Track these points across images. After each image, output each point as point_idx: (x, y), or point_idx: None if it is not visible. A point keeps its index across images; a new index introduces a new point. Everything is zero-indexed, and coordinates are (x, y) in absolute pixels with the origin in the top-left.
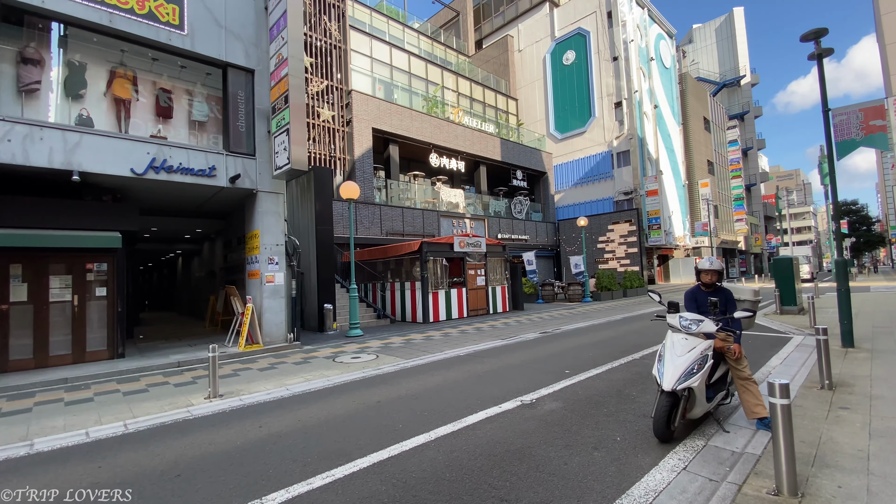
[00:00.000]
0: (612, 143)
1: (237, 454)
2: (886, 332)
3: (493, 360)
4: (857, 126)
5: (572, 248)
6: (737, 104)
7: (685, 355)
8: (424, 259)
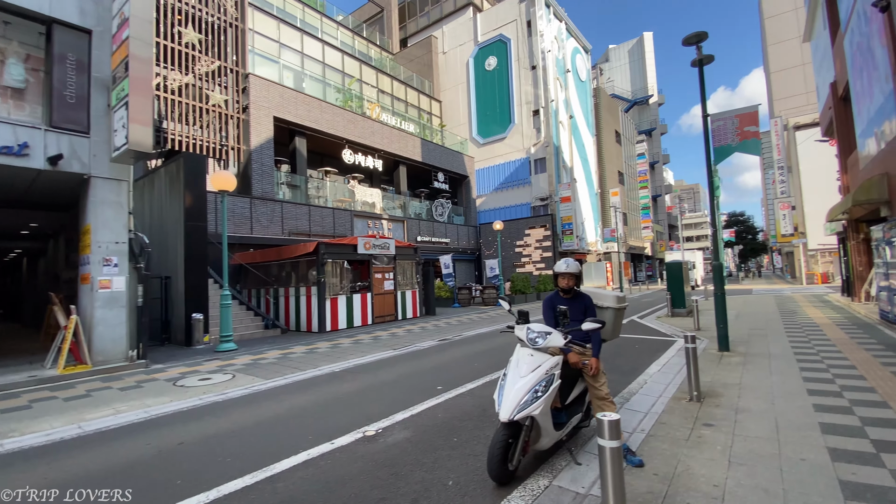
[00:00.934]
0: (530, 150)
1: None
2: (761, 334)
3: (366, 377)
4: (733, 132)
5: (491, 252)
6: (646, 121)
7: (528, 375)
8: (322, 262)
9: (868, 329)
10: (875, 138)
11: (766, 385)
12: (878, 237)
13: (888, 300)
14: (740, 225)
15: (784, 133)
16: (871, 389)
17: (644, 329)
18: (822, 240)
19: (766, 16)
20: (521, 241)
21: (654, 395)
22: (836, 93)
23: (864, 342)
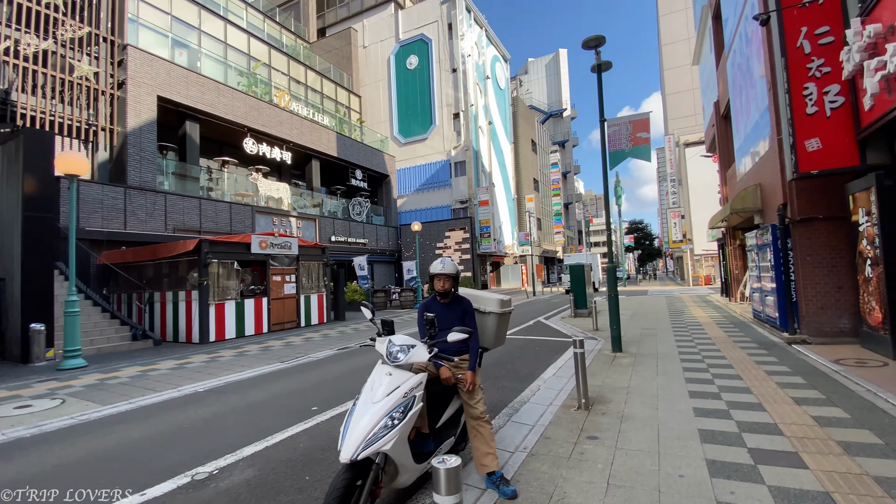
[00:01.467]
0: (450, 153)
1: None
2: (652, 334)
3: (232, 399)
4: (627, 137)
5: (410, 254)
6: (560, 133)
7: (383, 400)
8: (204, 262)
9: (743, 327)
10: (750, 154)
11: (651, 387)
12: (752, 243)
13: (760, 301)
14: (639, 232)
15: (676, 149)
16: (746, 390)
17: (548, 330)
18: (705, 246)
19: (664, 43)
20: (441, 243)
21: (544, 404)
22: (718, 111)
23: (739, 340)
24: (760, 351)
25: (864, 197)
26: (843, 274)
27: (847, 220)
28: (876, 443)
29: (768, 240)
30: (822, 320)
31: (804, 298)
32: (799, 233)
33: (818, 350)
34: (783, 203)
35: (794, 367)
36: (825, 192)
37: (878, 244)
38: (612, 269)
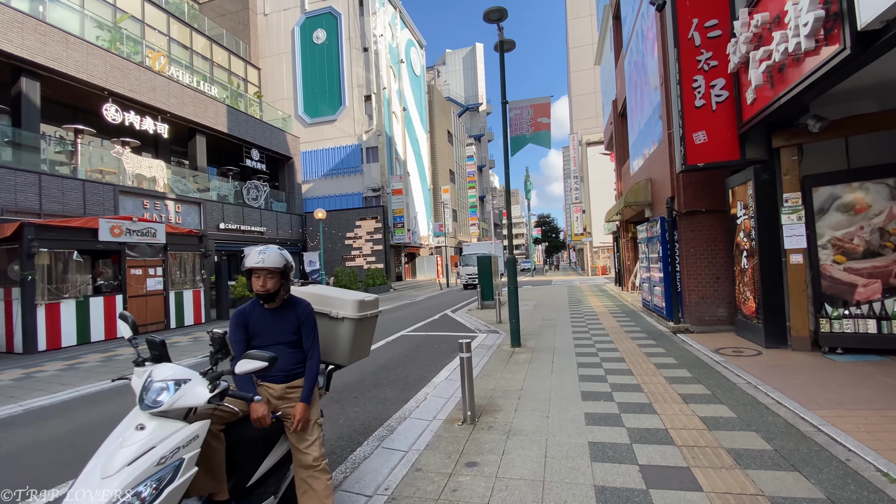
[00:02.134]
0: (361, 137)
1: None
2: (551, 325)
3: None
4: (528, 122)
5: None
6: (476, 127)
7: (118, 475)
8: (30, 251)
9: (633, 316)
10: (643, 150)
11: (545, 388)
12: (643, 236)
13: (648, 291)
14: (546, 225)
15: (580, 147)
16: (637, 388)
17: (452, 324)
18: (602, 238)
19: (571, 46)
20: (351, 234)
21: (427, 418)
22: (616, 110)
23: (630, 330)
24: (649, 341)
25: (742, 190)
26: (721, 265)
27: (726, 214)
28: (765, 449)
29: (657, 232)
30: (702, 310)
31: (687, 289)
32: (684, 225)
33: (700, 339)
34: (671, 196)
35: (679, 359)
36: (708, 186)
37: (754, 236)
38: (512, 260)
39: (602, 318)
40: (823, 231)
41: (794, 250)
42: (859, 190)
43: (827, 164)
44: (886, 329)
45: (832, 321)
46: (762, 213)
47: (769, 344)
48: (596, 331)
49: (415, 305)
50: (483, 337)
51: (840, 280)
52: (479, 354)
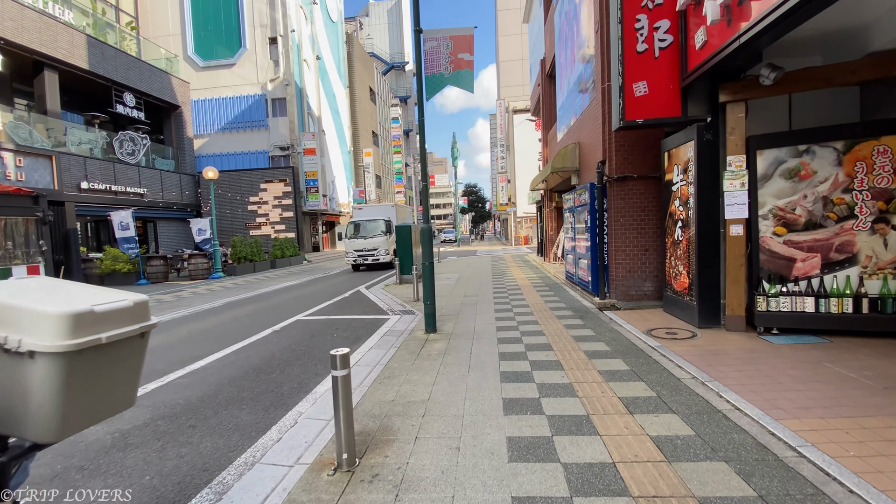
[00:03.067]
0: (266, 86)
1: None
2: (473, 302)
3: None
4: (447, 58)
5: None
6: (402, 88)
7: None
8: None
9: (557, 290)
10: (572, 110)
11: (458, 399)
12: (570, 204)
13: (573, 263)
14: (473, 195)
15: (506, 115)
16: (570, 389)
17: (362, 304)
18: (526, 209)
19: (500, 9)
20: (255, 198)
21: (287, 461)
22: (544, 70)
23: (555, 307)
24: (576, 321)
25: (680, 153)
26: (650, 236)
27: (659, 181)
28: (748, 496)
29: (586, 200)
30: (628, 283)
31: (615, 261)
32: (615, 192)
33: (628, 317)
34: (602, 160)
35: (612, 344)
36: (641, 150)
37: (692, 204)
38: (428, 230)
39: (526, 293)
40: (766, 199)
41: (734, 220)
42: (805, 154)
43: (767, 127)
44: (824, 307)
45: (769, 299)
46: (703, 179)
47: (702, 323)
48: (519, 308)
49: (326, 280)
50: (395, 320)
51: (779, 254)
52: (385, 345)
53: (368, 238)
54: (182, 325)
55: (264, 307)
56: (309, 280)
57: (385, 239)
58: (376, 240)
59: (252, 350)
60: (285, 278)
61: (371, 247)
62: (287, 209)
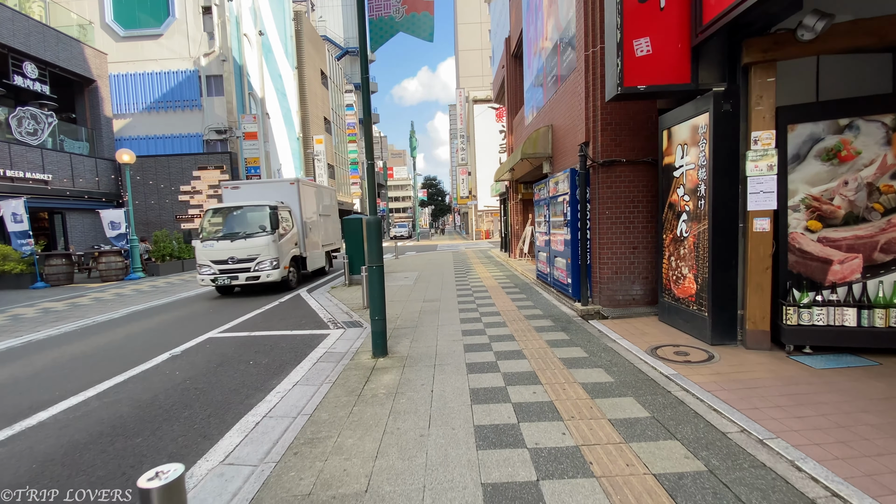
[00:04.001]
0: (199, 61)
1: None
2: (434, 309)
3: None
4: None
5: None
6: (357, 74)
7: None
8: None
9: (530, 293)
10: (543, 89)
11: (416, 481)
12: (543, 195)
13: (547, 262)
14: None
15: (466, 105)
16: (579, 460)
17: (297, 314)
18: (487, 202)
19: None
20: (187, 186)
21: None
22: (508, 49)
23: (531, 315)
24: (559, 335)
25: (684, 131)
26: (640, 231)
27: (651, 166)
28: None
29: (565, 189)
30: (615, 287)
31: (599, 261)
32: (600, 180)
33: (620, 329)
34: (585, 141)
35: (614, 372)
36: (631, 129)
37: (703, 192)
38: (375, 223)
39: (494, 296)
40: (797, 187)
41: (759, 213)
42: (848, 130)
43: (789, 100)
44: (867, 320)
45: (800, 310)
46: (719, 161)
47: (716, 339)
48: (490, 317)
49: None
50: (336, 337)
51: (812, 254)
52: (316, 378)
53: (241, 240)
54: (51, 349)
55: (175, 319)
56: None
57: (270, 241)
58: (255, 242)
59: (129, 390)
60: None
61: (245, 255)
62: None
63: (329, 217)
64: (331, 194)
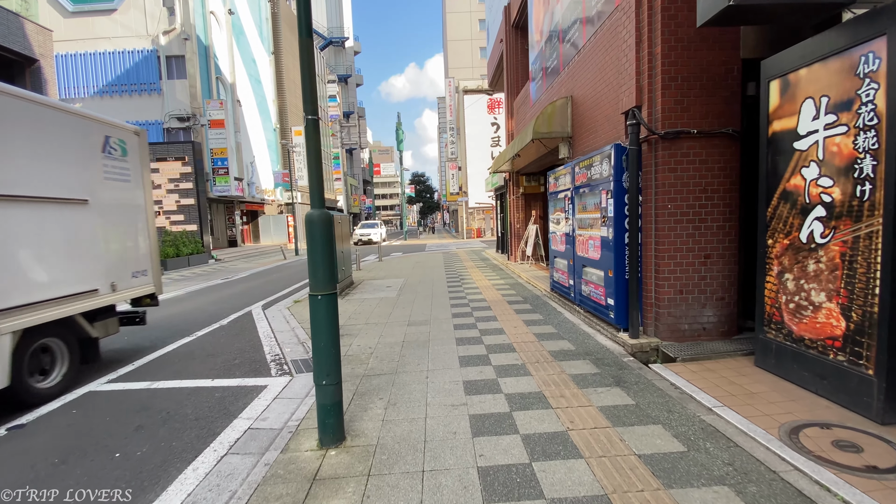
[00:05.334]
0: (159, 40)
1: None
2: (421, 339)
3: None
4: None
5: None
6: (341, 66)
7: None
8: None
9: (544, 310)
10: (560, 55)
11: None
12: (564, 184)
13: (568, 271)
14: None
15: (456, 95)
16: None
17: (235, 346)
18: (478, 199)
19: None
20: None
21: None
22: (508, 19)
23: (558, 351)
24: (616, 395)
25: (824, 74)
26: (714, 233)
27: (731, 141)
28: None
29: (602, 174)
30: (679, 312)
31: (656, 275)
32: (661, 159)
33: (704, 381)
34: (636, 105)
35: (751, 495)
36: (703, 88)
37: (872, 172)
38: (321, 220)
39: (501, 316)
40: None
41: None
42: None
43: None
44: None
45: None
46: None
47: (889, 417)
48: (501, 355)
49: (219, 291)
50: (274, 392)
51: None
52: (218, 497)
53: None
54: None
55: None
56: (195, 291)
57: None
58: None
59: None
60: (170, 286)
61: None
62: (186, 195)
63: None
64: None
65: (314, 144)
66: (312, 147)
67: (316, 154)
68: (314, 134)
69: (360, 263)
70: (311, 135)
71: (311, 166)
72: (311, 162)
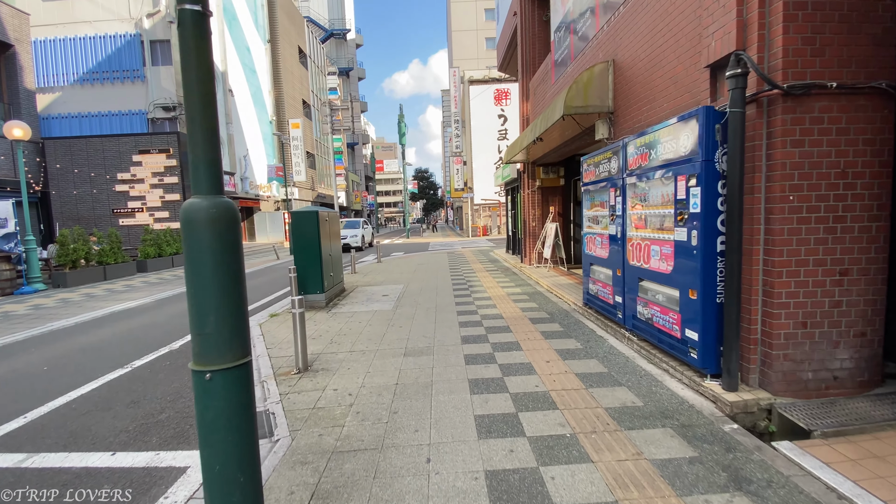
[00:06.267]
0: (142, 23)
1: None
2: (422, 384)
3: None
4: None
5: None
6: (343, 59)
7: None
8: None
9: (581, 334)
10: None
11: None
12: (607, 172)
13: (616, 285)
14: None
15: (461, 86)
16: None
17: (183, 379)
18: (484, 195)
19: None
20: (126, 174)
21: None
22: None
23: (621, 411)
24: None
25: None
26: (855, 238)
27: (886, 100)
28: None
29: (680, 150)
30: (801, 355)
31: (770, 300)
32: (780, 128)
33: (878, 486)
34: (737, 49)
35: None
36: (844, 21)
37: None
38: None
39: (525, 343)
40: None
41: None
42: None
43: None
44: None
45: None
46: None
47: None
48: (538, 414)
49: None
50: (187, 493)
51: None
52: None
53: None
54: None
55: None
56: (163, 299)
57: None
58: None
59: None
60: (139, 291)
61: None
62: (172, 190)
63: None
64: None
65: (197, 58)
66: (193, 63)
67: (201, 80)
68: (195, 33)
69: (354, 266)
70: (189, 34)
71: (195, 107)
72: (192, 101)
